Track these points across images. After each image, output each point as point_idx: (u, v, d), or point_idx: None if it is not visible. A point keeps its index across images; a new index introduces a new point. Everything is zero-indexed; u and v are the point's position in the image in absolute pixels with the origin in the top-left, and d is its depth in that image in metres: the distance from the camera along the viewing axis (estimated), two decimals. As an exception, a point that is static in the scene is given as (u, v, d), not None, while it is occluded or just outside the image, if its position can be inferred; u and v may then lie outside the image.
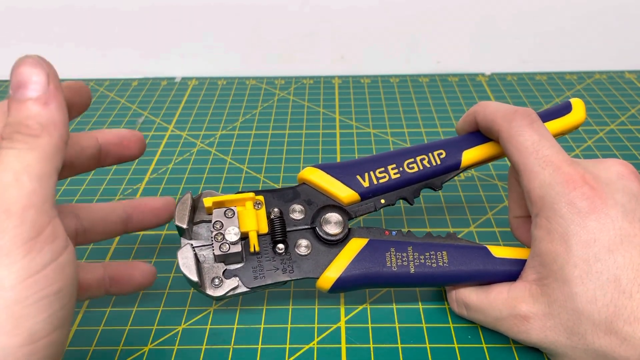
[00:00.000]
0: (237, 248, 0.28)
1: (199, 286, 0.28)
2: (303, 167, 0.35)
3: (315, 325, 0.32)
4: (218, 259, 0.29)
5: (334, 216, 0.30)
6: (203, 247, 0.29)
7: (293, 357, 0.30)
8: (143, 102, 0.57)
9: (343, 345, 0.30)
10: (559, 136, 0.32)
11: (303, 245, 0.30)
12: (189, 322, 0.32)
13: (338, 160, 0.46)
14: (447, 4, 0.59)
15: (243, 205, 0.30)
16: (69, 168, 0.27)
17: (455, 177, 0.44)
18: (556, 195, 0.26)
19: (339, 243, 0.30)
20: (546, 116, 0.32)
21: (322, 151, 0.48)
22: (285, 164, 0.46)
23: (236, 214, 0.29)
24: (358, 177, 0.31)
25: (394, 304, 0.33)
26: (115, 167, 0.46)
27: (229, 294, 0.28)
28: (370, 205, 0.31)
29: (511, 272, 0.29)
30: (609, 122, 0.51)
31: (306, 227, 0.30)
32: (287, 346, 0.30)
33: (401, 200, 0.32)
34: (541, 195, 0.27)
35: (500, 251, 0.30)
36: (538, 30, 0.61)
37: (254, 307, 0.33)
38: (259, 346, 0.30)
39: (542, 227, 0.27)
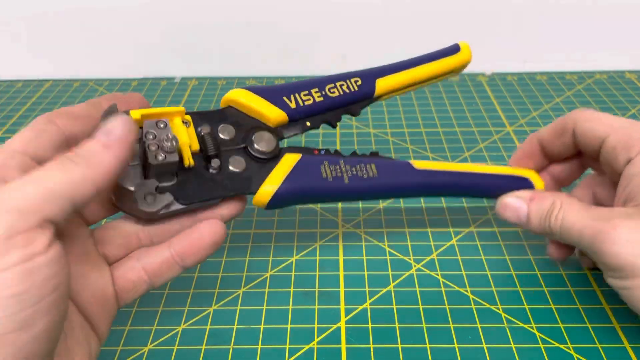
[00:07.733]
0: (175, 157, 0.26)
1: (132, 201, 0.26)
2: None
3: (315, 325, 0.32)
4: (151, 173, 0.27)
5: (265, 134, 0.30)
6: (131, 166, 0.27)
7: (293, 357, 0.30)
8: (143, 102, 0.57)
9: (343, 345, 0.30)
10: (449, 75, 0.36)
11: (236, 162, 0.29)
12: (189, 322, 0.32)
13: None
14: (448, 4, 0.59)
15: (171, 120, 0.28)
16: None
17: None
18: None
19: (272, 160, 0.30)
20: (435, 57, 0.35)
21: (322, 151, 0.48)
22: (285, 164, 0.46)
23: (169, 125, 0.27)
24: (285, 98, 0.31)
25: (394, 304, 0.33)
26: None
27: (162, 211, 0.27)
28: (297, 127, 0.32)
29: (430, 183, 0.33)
30: (609, 122, 0.51)
31: (237, 147, 0.30)
32: (287, 346, 0.30)
33: (402, 204, 0.32)
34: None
35: (421, 164, 0.33)
36: (538, 30, 0.61)
37: (254, 307, 0.33)
38: (259, 346, 0.30)
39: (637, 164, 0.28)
